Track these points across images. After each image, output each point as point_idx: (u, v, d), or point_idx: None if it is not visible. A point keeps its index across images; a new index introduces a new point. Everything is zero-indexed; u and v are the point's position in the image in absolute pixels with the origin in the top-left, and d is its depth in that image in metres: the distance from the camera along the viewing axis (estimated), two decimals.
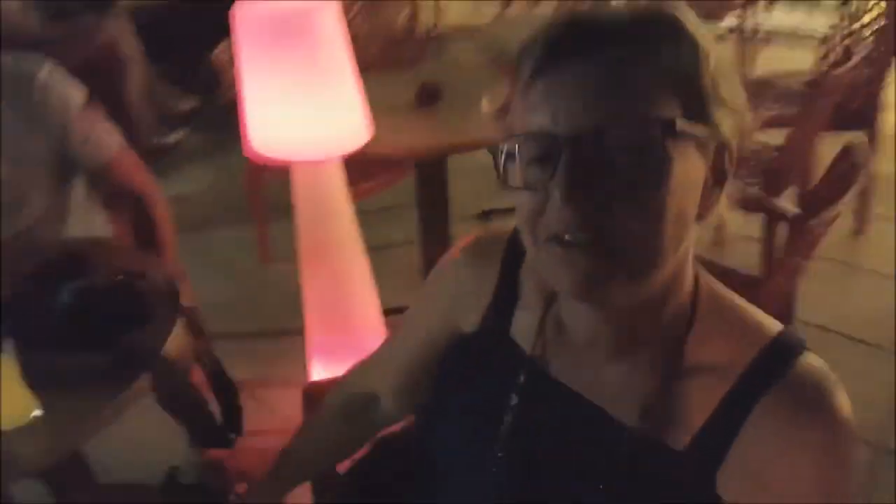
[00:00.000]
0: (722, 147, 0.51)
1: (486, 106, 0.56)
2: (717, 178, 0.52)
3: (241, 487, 1.56)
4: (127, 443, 1.68)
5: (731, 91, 0.51)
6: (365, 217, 2.66)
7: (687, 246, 0.53)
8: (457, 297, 0.67)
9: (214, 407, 1.15)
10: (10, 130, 1.22)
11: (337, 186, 1.49)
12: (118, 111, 2.96)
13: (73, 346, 0.93)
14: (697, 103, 0.49)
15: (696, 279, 0.56)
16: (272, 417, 1.79)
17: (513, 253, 0.64)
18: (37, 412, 0.85)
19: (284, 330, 2.07)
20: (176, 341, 1.01)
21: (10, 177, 1.24)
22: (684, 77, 0.49)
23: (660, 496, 0.54)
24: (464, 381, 0.66)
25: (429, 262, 2.17)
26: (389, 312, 1.77)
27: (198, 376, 1.13)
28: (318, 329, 1.62)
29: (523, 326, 0.62)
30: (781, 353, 0.52)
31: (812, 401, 0.50)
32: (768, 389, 0.50)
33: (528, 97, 0.50)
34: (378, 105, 1.78)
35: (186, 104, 3.50)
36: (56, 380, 0.89)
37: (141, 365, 0.94)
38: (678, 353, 0.54)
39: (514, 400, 0.60)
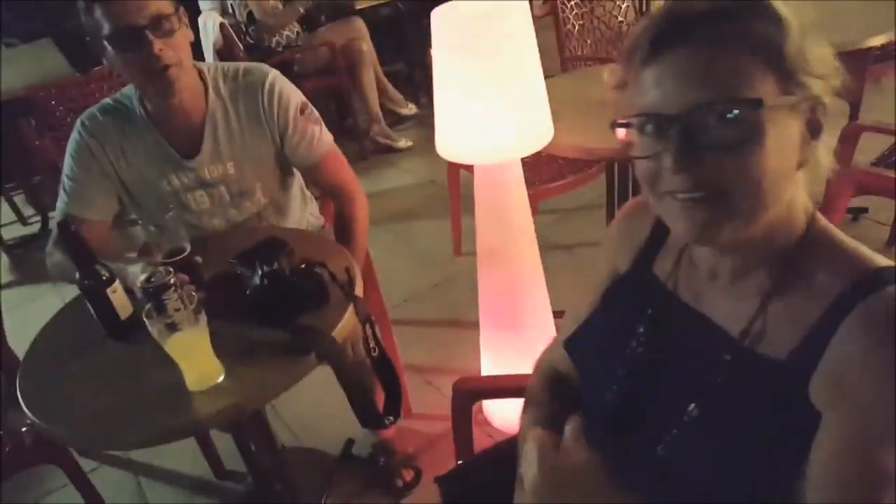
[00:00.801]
0: (815, 104, 0.60)
1: (606, 77, 0.67)
2: (812, 131, 0.61)
3: (407, 473, 1.68)
4: (312, 411, 1.89)
5: (818, 55, 0.58)
6: (560, 216, 2.66)
7: (792, 191, 0.62)
8: (618, 244, 0.83)
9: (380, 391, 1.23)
10: (239, 131, 1.41)
11: (515, 187, 1.47)
12: (355, 105, 3.37)
13: (258, 322, 1.07)
14: (787, 72, 0.57)
15: (813, 219, 0.64)
16: (443, 402, 1.88)
17: None
18: (222, 377, 0.98)
19: (465, 321, 2.15)
20: (345, 326, 1.09)
21: (239, 171, 1.43)
22: (773, 51, 0.57)
23: (761, 402, 0.61)
24: (610, 312, 0.81)
25: None
26: (562, 315, 1.72)
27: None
28: (489, 323, 1.64)
29: (664, 265, 0.77)
30: (876, 280, 0.57)
31: (889, 321, 0.54)
32: (852, 308, 0.57)
33: (641, 82, 0.61)
34: (577, 102, 1.73)
35: (409, 110, 3.77)
36: (242, 351, 1.02)
37: (312, 343, 1.03)
38: (784, 279, 0.63)
39: (642, 327, 0.74)
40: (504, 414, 1.70)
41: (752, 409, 0.62)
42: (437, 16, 1.25)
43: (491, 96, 1.24)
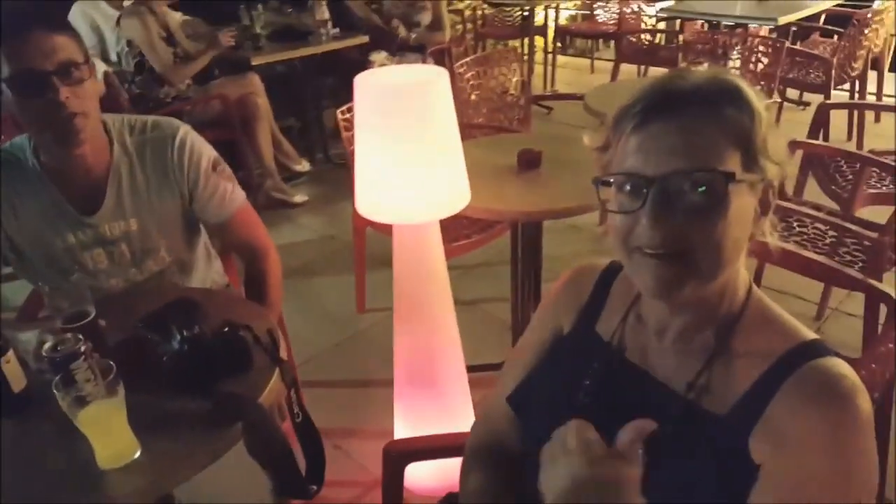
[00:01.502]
0: (767, 186, 0.68)
1: (587, 141, 0.74)
2: (763, 208, 0.69)
3: None
4: (215, 487, 1.76)
5: (775, 146, 0.68)
6: (461, 273, 2.74)
7: (741, 259, 0.70)
8: (560, 306, 0.88)
9: (300, 458, 1.17)
10: (145, 186, 1.33)
11: (434, 246, 1.51)
12: (248, 158, 3.30)
13: (177, 391, 0.99)
14: (751, 155, 0.66)
15: (750, 290, 0.72)
16: (353, 469, 1.82)
17: (608, 273, 0.85)
18: (138, 453, 0.89)
19: (372, 380, 2.12)
20: (271, 392, 1.04)
21: (142, 228, 1.35)
22: (743, 135, 0.66)
23: (704, 454, 0.67)
24: (554, 368, 0.84)
25: (519, 319, 2.17)
26: (474, 370, 1.77)
27: (286, 426, 1.16)
28: (405, 381, 1.63)
29: (607, 324, 0.82)
30: (811, 351, 0.66)
31: (826, 386, 0.63)
32: (792, 373, 0.64)
33: (626, 145, 0.68)
34: (482, 168, 1.84)
35: (303, 167, 3.76)
36: (158, 422, 0.94)
37: (238, 412, 0.98)
38: (726, 342, 0.70)
39: (588, 380, 0.78)
40: (419, 476, 1.68)
41: (696, 461, 0.67)
42: (360, 82, 1.29)
43: (417, 161, 1.28)
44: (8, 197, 1.25)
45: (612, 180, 0.69)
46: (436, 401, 1.60)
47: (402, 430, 1.67)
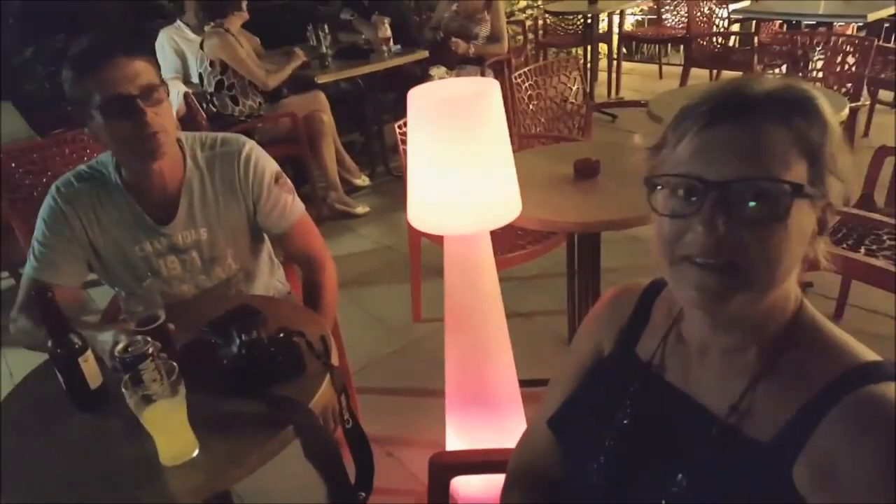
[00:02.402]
0: (828, 206, 0.65)
1: (637, 141, 0.72)
2: (820, 227, 0.65)
3: None
4: (277, 489, 1.82)
5: (844, 164, 0.64)
6: (517, 284, 2.73)
7: (793, 277, 0.66)
8: (601, 327, 0.86)
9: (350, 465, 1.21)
10: (214, 198, 1.43)
11: (485, 258, 1.52)
12: (314, 172, 3.43)
13: (234, 393, 1.05)
14: (818, 170, 0.62)
15: (801, 306, 0.68)
16: (404, 477, 1.84)
17: (650, 292, 0.83)
18: (196, 451, 0.95)
19: (425, 389, 2.15)
20: (322, 397, 1.08)
21: (211, 237, 1.44)
22: (813, 147, 0.62)
23: (746, 480, 0.63)
24: (594, 390, 0.82)
25: (575, 331, 2.11)
26: (528, 384, 1.76)
27: (339, 433, 1.20)
28: (455, 393, 1.64)
29: (647, 345, 0.79)
30: (868, 374, 0.61)
31: (881, 414, 0.58)
32: (843, 398, 0.60)
33: (686, 146, 0.64)
34: (537, 177, 1.84)
35: (363, 181, 3.87)
36: (216, 423, 1.00)
37: (289, 415, 1.02)
38: (772, 362, 0.66)
39: (627, 400, 0.75)
40: (469, 488, 1.68)
41: (737, 485, 0.64)
42: (414, 96, 1.33)
43: (465, 172, 1.30)
44: (93, 207, 1.36)
45: (665, 181, 0.65)
46: (486, 413, 1.61)
47: (453, 441, 1.68)
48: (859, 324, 2.22)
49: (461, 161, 1.30)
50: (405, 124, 2.25)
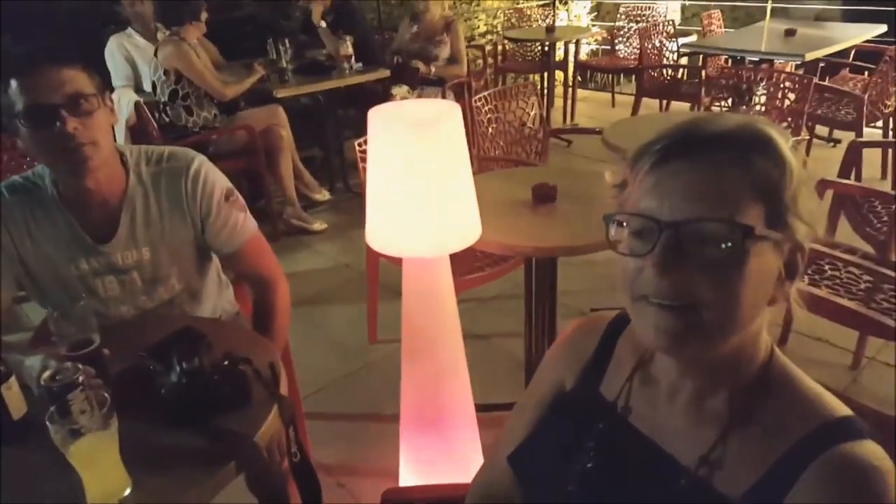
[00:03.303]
0: (795, 248, 0.63)
1: (608, 177, 0.70)
2: (788, 272, 0.63)
3: None
4: None
5: (808, 203, 0.62)
6: (475, 305, 2.71)
7: (759, 323, 0.64)
8: (563, 361, 0.83)
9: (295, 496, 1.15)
10: (159, 216, 1.35)
11: (444, 281, 1.50)
12: (270, 187, 3.35)
13: (174, 425, 0.98)
14: (778, 212, 0.60)
15: (772, 355, 0.66)
16: None
17: (614, 327, 0.80)
18: (128, 490, 0.88)
19: (381, 414, 2.09)
20: (269, 429, 1.03)
21: (154, 257, 1.36)
22: (770, 188, 0.60)
23: None
24: (554, 429, 0.79)
25: (532, 354, 2.13)
26: (484, 409, 1.73)
27: (285, 465, 1.14)
28: (410, 419, 1.60)
29: (612, 383, 0.76)
30: (840, 432, 0.59)
31: (856, 477, 0.57)
32: (817, 457, 0.58)
33: (642, 185, 0.63)
34: (496, 201, 1.83)
35: (322, 196, 3.81)
36: (151, 456, 0.93)
37: (231, 450, 0.96)
38: (743, 411, 0.64)
39: (592, 442, 0.73)
40: None
41: None
42: (374, 116, 1.30)
43: (425, 195, 1.28)
44: (25, 221, 1.27)
45: (623, 220, 0.64)
46: (442, 440, 1.57)
47: (407, 469, 1.64)
48: (803, 351, 2.29)
49: (421, 184, 1.28)
50: (365, 142, 2.21)
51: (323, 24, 3.92)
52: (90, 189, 1.26)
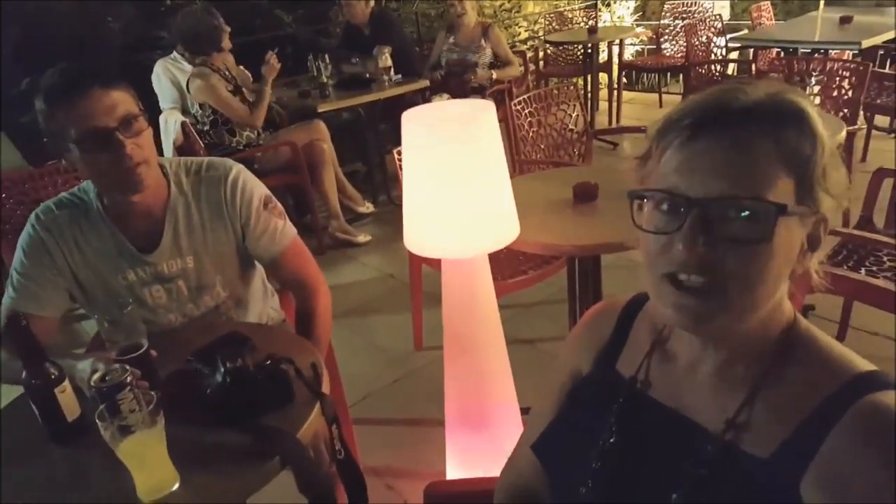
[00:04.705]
0: (820, 220, 0.62)
1: (627, 150, 0.75)
2: (811, 244, 0.63)
3: None
4: None
5: (836, 179, 0.61)
6: (520, 311, 2.68)
7: (782, 292, 0.64)
8: (580, 347, 0.83)
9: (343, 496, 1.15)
10: (200, 225, 1.39)
11: (483, 282, 1.48)
12: (315, 202, 3.41)
13: (219, 423, 1.00)
14: (807, 185, 0.60)
15: (795, 319, 0.66)
16: None
17: (630, 310, 0.80)
18: (176, 485, 0.90)
19: (427, 419, 2.08)
20: (311, 426, 1.03)
21: (198, 265, 1.40)
22: (801, 163, 0.59)
23: (744, 497, 0.61)
24: (575, 413, 0.79)
25: None
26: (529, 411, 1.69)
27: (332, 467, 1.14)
28: (455, 422, 1.59)
29: (629, 362, 0.76)
30: (868, 384, 0.59)
31: (888, 421, 0.56)
32: (847, 409, 0.58)
33: (669, 160, 0.62)
34: (536, 201, 1.81)
35: (367, 209, 3.85)
36: (197, 454, 0.95)
37: (274, 446, 0.97)
38: (769, 376, 0.64)
39: (613, 419, 0.72)
40: None
41: (736, 501, 0.62)
42: (408, 118, 1.31)
43: (461, 194, 1.27)
44: (73, 236, 1.33)
45: (649, 196, 0.63)
46: (487, 442, 1.55)
47: (454, 472, 1.62)
48: (861, 346, 2.17)
49: (455, 182, 1.28)
50: None
51: (354, 60, 4.00)
52: (135, 202, 1.31)
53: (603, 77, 5.54)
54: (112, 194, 1.32)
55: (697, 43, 4.98)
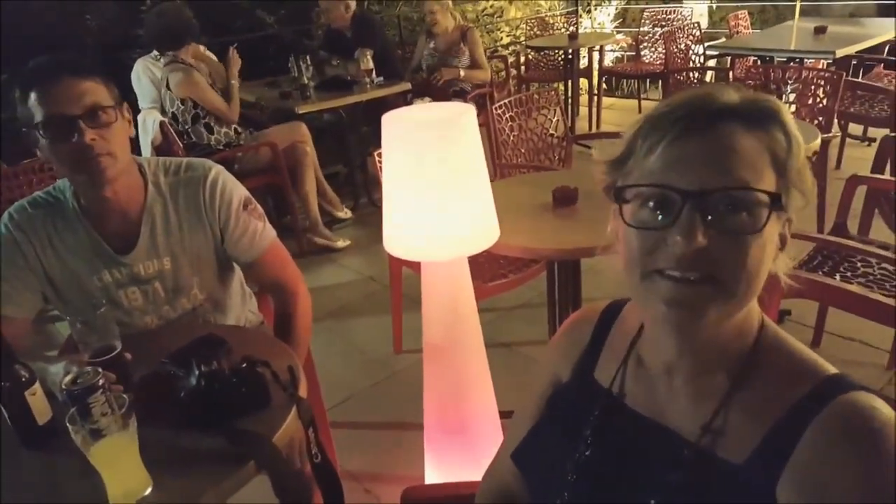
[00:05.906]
0: (787, 221, 0.64)
1: (596, 155, 0.69)
2: (781, 242, 0.64)
3: None
4: None
5: (807, 180, 0.63)
6: (499, 315, 2.69)
7: (759, 290, 0.63)
8: (559, 355, 0.83)
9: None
10: (178, 226, 1.37)
11: (462, 285, 1.49)
12: (295, 205, 3.39)
13: (193, 427, 0.99)
14: (784, 184, 0.61)
15: (764, 325, 0.67)
16: None
17: (608, 315, 0.80)
18: (149, 490, 0.89)
19: (406, 423, 2.08)
20: (288, 430, 1.03)
21: (175, 267, 1.38)
22: (781, 160, 0.61)
23: (721, 502, 0.62)
24: (554, 421, 0.79)
25: None
26: (509, 415, 1.69)
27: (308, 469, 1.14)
28: (434, 426, 1.59)
29: (606, 370, 0.76)
30: (837, 386, 0.60)
31: (859, 421, 0.57)
32: (819, 414, 0.59)
33: (658, 157, 0.61)
34: (515, 205, 1.82)
35: (345, 214, 3.84)
36: (171, 457, 0.94)
37: (251, 449, 0.96)
38: (740, 381, 0.64)
39: (590, 431, 0.73)
40: None
41: None
42: (388, 120, 1.31)
43: (442, 197, 1.27)
44: (47, 234, 1.30)
45: (637, 192, 0.62)
46: (466, 446, 1.55)
47: (433, 476, 1.62)
48: (836, 351, 2.23)
49: (435, 185, 1.28)
50: None
51: (334, 63, 3.98)
52: (110, 200, 1.29)
53: (583, 82, 5.59)
54: (82, 188, 1.29)
55: (676, 50, 5.05)
